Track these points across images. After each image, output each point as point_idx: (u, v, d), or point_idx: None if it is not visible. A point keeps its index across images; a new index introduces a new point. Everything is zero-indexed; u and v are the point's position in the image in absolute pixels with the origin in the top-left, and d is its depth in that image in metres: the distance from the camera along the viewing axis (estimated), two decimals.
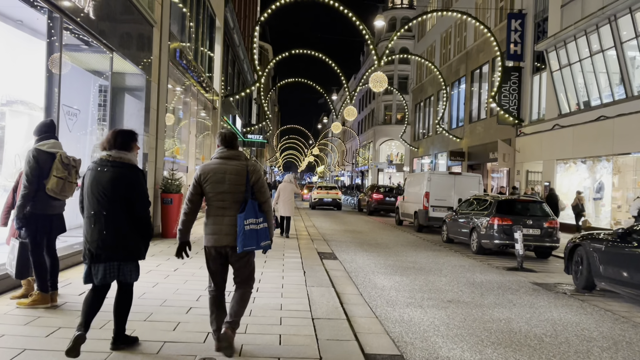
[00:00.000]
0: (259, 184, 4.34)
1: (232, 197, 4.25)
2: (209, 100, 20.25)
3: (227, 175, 4.26)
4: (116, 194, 4.10)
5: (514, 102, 25.12)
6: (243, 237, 4.15)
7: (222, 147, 4.42)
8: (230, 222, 4.23)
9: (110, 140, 4.21)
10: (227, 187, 4.25)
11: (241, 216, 4.18)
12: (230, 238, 4.22)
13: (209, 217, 4.33)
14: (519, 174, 25.16)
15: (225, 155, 4.36)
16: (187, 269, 8.18)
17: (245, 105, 39.05)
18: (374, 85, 23.78)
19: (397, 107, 60.66)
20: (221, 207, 4.27)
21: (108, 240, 4.08)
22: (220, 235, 4.26)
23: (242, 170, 4.29)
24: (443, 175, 18.74)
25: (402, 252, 12.74)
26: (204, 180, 4.28)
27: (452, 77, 35.12)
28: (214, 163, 4.35)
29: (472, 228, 13.35)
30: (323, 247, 12.59)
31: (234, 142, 4.46)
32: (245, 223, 4.16)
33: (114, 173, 4.10)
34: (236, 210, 4.23)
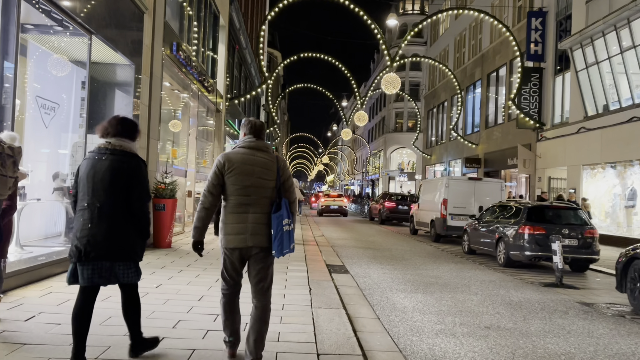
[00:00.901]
0: (289, 181, 3.96)
1: (259, 193, 3.80)
2: (212, 102, 19.10)
3: (256, 168, 3.80)
4: (114, 185, 3.69)
5: (534, 104, 23.76)
6: (281, 240, 3.77)
7: (250, 136, 3.93)
8: (256, 220, 3.78)
9: (111, 127, 3.80)
10: (255, 180, 3.78)
11: (278, 216, 3.77)
12: (259, 238, 3.78)
13: (228, 215, 3.82)
14: (540, 181, 23.73)
15: (254, 145, 3.89)
16: (171, 285, 6.94)
17: (253, 112, 37.98)
18: (387, 87, 22.56)
19: (409, 115, 59.39)
20: (244, 203, 3.79)
21: (99, 236, 3.63)
22: (246, 235, 3.77)
23: (272, 164, 3.87)
24: (462, 181, 17.40)
25: (420, 264, 11.41)
26: (229, 169, 3.77)
27: (466, 81, 33.84)
28: (240, 152, 3.85)
29: (499, 238, 11.99)
30: (332, 258, 11.30)
31: (262, 133, 3.99)
32: (283, 223, 3.77)
33: (113, 162, 3.70)
34: (262, 207, 3.79)
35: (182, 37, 14.58)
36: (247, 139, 3.95)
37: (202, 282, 7.37)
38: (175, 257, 9.75)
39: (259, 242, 3.79)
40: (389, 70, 23.62)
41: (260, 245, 3.81)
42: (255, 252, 3.84)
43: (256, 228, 3.79)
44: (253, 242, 3.79)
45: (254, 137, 3.94)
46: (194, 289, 6.84)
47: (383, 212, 27.35)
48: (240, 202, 3.80)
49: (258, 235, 3.79)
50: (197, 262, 9.09)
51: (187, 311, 5.59)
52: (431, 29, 45.63)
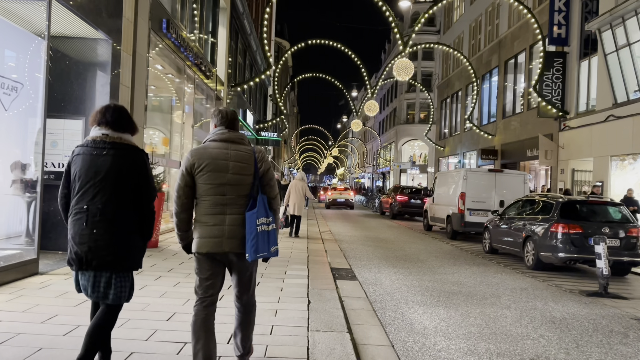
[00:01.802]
0: (268, 175, 3.51)
1: (236, 191, 3.39)
2: (212, 89, 17.84)
3: (230, 163, 3.40)
4: (120, 184, 3.31)
5: (557, 91, 22.21)
6: (255, 241, 3.33)
7: (221, 128, 3.53)
8: (234, 222, 3.37)
9: (108, 116, 3.37)
10: (231, 177, 3.38)
11: (252, 214, 3.35)
12: (235, 242, 3.37)
13: (202, 216, 3.42)
14: (563, 173, 22.23)
15: (227, 137, 3.49)
16: (141, 297, 5.70)
17: (260, 102, 36.72)
18: (399, 73, 21.17)
19: (421, 106, 57.85)
20: (220, 203, 3.38)
21: (102, 242, 3.26)
22: (221, 238, 3.36)
23: (249, 157, 3.46)
24: (482, 173, 16.01)
25: (438, 267, 10.09)
26: (199, 168, 3.38)
27: (482, 69, 32.26)
28: (211, 147, 3.46)
29: (527, 237, 10.64)
30: (338, 260, 10.02)
31: (235, 123, 3.58)
32: (257, 223, 3.34)
33: (116, 157, 3.31)
34: (240, 207, 3.39)
35: (175, 15, 13.32)
36: (218, 130, 3.51)
37: (179, 292, 6.15)
38: (158, 259, 8.54)
39: (236, 247, 3.37)
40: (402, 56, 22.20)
41: (238, 251, 3.38)
42: (233, 258, 3.44)
43: (234, 230, 3.36)
44: (230, 246, 3.37)
45: (226, 129, 3.52)
46: (167, 303, 5.61)
47: (394, 206, 26.03)
48: (216, 202, 3.39)
49: (235, 239, 3.36)
50: (182, 266, 7.89)
51: (147, 338, 4.36)
52: (444, 16, 44.01)
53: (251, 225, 3.33)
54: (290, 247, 11.36)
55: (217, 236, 3.36)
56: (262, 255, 3.38)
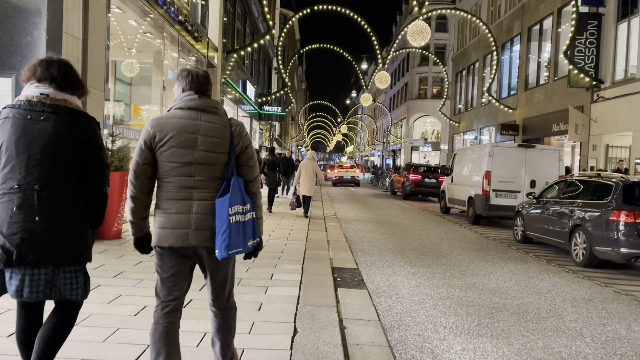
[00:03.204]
0: (247, 153, 2.85)
1: (206, 172, 2.73)
2: (202, 54, 15.79)
3: (200, 137, 2.73)
4: (62, 159, 2.62)
5: (590, 58, 19.89)
6: (227, 235, 2.67)
7: (190, 93, 2.82)
8: (203, 209, 2.72)
9: (51, 71, 2.67)
10: (200, 155, 2.72)
11: (223, 201, 2.70)
12: (204, 235, 2.72)
13: (164, 201, 2.76)
14: (595, 149, 20.05)
15: (197, 105, 2.78)
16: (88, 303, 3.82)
17: (264, 74, 34.57)
18: (414, 38, 18.98)
19: (434, 80, 55.34)
20: (187, 185, 2.72)
21: (39, 232, 2.56)
22: (187, 229, 2.70)
23: (224, 130, 2.78)
24: (510, 149, 13.91)
25: (467, 264, 8.14)
26: (161, 142, 2.71)
27: (502, 37, 29.83)
28: (178, 116, 2.76)
29: (575, 226, 8.63)
30: (343, 255, 8.08)
31: (207, 87, 2.89)
32: (230, 212, 2.68)
33: (57, 125, 2.61)
34: (211, 190, 2.74)
35: None
36: (186, 96, 2.80)
37: (137, 295, 4.72)
38: (118, 253, 6.71)
39: (207, 240, 2.72)
40: (418, 19, 19.93)
41: (208, 245, 2.73)
42: (203, 254, 2.78)
43: (203, 220, 2.72)
44: (198, 239, 2.71)
45: (197, 94, 2.81)
46: (118, 310, 4.06)
47: (407, 185, 24.03)
48: (181, 185, 2.73)
49: (205, 231, 2.72)
50: (150, 261, 6.05)
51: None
52: None
53: (222, 215, 2.70)
54: (286, 237, 9.46)
55: (182, 227, 2.73)
56: (236, 251, 2.74)
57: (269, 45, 34.34)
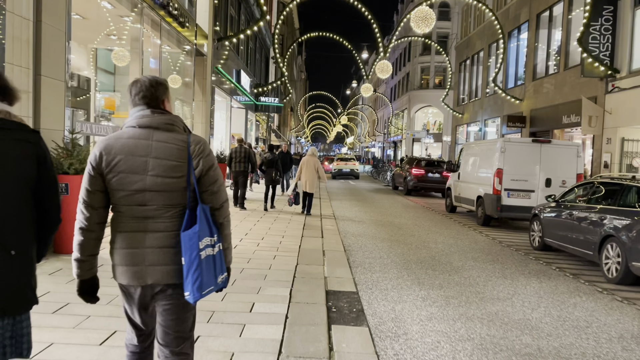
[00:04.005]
0: (209, 177, 2.47)
1: (162, 199, 2.40)
2: (190, 41, 14.62)
3: (150, 160, 2.39)
4: (12, 181, 2.23)
5: (605, 46, 18.68)
6: (200, 272, 2.32)
7: (141, 108, 2.47)
8: (157, 242, 2.39)
9: None
10: (152, 180, 2.38)
11: (191, 235, 2.32)
12: (163, 271, 2.40)
13: (117, 234, 2.45)
14: (609, 143, 18.90)
15: (149, 122, 2.44)
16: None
17: (261, 64, 33.32)
18: (417, 24, 17.80)
19: (436, 70, 54.04)
20: (139, 215, 2.41)
21: None
22: (141, 266, 2.40)
23: (180, 150, 2.42)
24: (523, 145, 12.77)
25: (483, 282, 7.04)
26: (108, 166, 2.39)
27: (509, 25, 28.57)
28: (126, 136, 2.43)
29: (606, 237, 7.53)
30: (339, 272, 6.98)
31: (161, 98, 2.50)
32: (200, 246, 2.33)
33: (5, 143, 2.24)
34: (167, 220, 2.41)
35: None
36: (137, 112, 2.46)
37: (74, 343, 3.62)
38: (71, 274, 5.60)
39: (164, 277, 2.40)
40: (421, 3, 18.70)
41: (165, 282, 2.40)
42: (159, 292, 2.42)
43: (158, 255, 2.39)
44: (154, 277, 2.40)
45: (149, 108, 2.45)
46: None
47: (409, 180, 22.92)
48: (133, 215, 2.41)
49: (161, 267, 2.39)
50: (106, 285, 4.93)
51: None
52: None
53: (191, 251, 2.29)
54: (277, 246, 8.37)
55: (135, 263, 2.39)
56: (209, 291, 2.36)
57: (266, 34, 33.09)
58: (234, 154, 13.91)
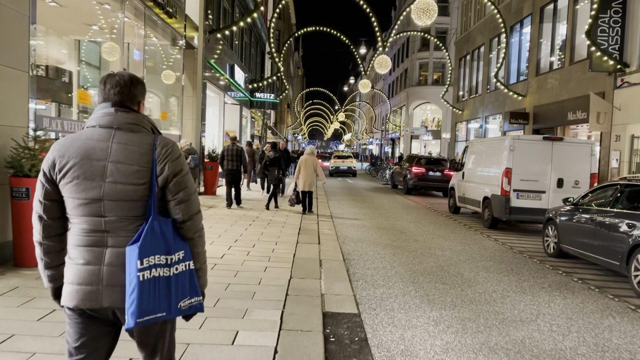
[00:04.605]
0: (177, 184, 2.17)
1: (121, 209, 2.11)
2: (179, 33, 13.77)
3: (109, 164, 2.11)
4: None
5: (614, 39, 17.91)
6: (137, 296, 2.01)
7: (105, 105, 2.21)
8: (118, 260, 2.10)
9: None
10: (110, 188, 2.09)
11: (133, 250, 2.04)
12: (121, 292, 2.09)
13: (72, 249, 2.16)
14: (619, 141, 18.15)
15: (110, 122, 2.16)
16: None
17: (256, 59, 32.44)
18: (419, 16, 16.98)
19: (434, 66, 53.25)
20: (98, 228, 2.11)
21: None
22: (98, 286, 2.10)
23: (144, 154, 2.14)
24: (534, 143, 11.97)
25: (500, 298, 6.25)
26: (61, 171, 2.12)
27: (510, 19, 27.78)
28: (83, 137, 2.16)
29: (636, 246, 6.75)
30: (338, 286, 6.18)
31: (131, 96, 2.22)
32: (139, 265, 2.02)
33: None
34: (129, 234, 2.11)
35: None
36: (100, 109, 2.19)
37: None
38: (27, 294, 4.87)
39: (123, 299, 2.08)
40: None
41: (123, 306, 2.08)
42: (121, 317, 2.13)
43: (118, 274, 2.09)
44: (112, 299, 2.09)
45: (113, 106, 2.19)
46: None
47: (409, 179, 22.13)
48: (90, 228, 2.11)
49: (118, 287, 2.08)
50: None
51: None
52: None
53: (130, 269, 2.02)
54: (269, 254, 7.58)
55: (90, 282, 2.08)
56: (152, 318, 2.02)
57: (262, 28, 32.23)
58: (226, 152, 13.44)
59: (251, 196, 16.12)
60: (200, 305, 2.18)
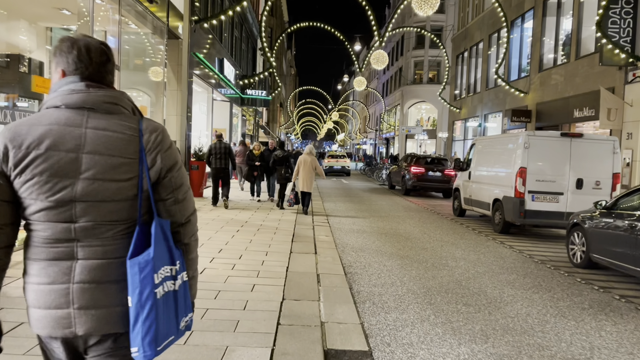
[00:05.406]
0: (173, 178, 1.80)
1: (99, 213, 1.69)
2: (162, 21, 12.61)
3: (84, 156, 1.67)
4: None
5: (626, 31, 16.94)
6: (154, 318, 1.65)
7: (73, 79, 1.72)
8: (93, 276, 1.67)
9: None
10: (86, 186, 1.67)
11: (142, 263, 1.65)
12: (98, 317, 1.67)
13: (32, 264, 1.71)
14: (630, 139, 17.18)
15: (81, 100, 1.69)
16: None
17: (247, 57, 31.29)
18: (420, 5, 15.93)
19: (430, 64, 52.27)
20: (65, 237, 1.68)
21: None
22: (68, 309, 1.67)
23: (128, 140, 1.71)
24: (550, 140, 10.91)
25: (538, 324, 5.18)
26: (19, 165, 1.65)
27: (511, 14, 26.82)
28: (46, 121, 1.68)
29: None
30: (341, 311, 5.08)
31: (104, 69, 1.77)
32: (156, 280, 1.67)
33: None
34: (108, 243, 1.70)
35: None
36: (65, 85, 1.71)
37: None
38: None
39: (102, 325, 1.68)
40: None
41: (104, 332, 1.69)
42: (95, 345, 1.71)
43: (94, 293, 1.67)
44: (87, 325, 1.67)
45: (83, 80, 1.71)
46: None
47: (408, 179, 21.06)
48: (55, 237, 1.68)
49: (99, 311, 1.67)
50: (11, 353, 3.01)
51: None
52: None
53: (142, 287, 1.61)
54: (258, 267, 6.48)
55: (58, 305, 1.65)
56: (167, 344, 1.71)
57: (253, 24, 31.10)
58: (213, 150, 12.61)
59: (242, 198, 15.00)
60: (191, 323, 1.85)
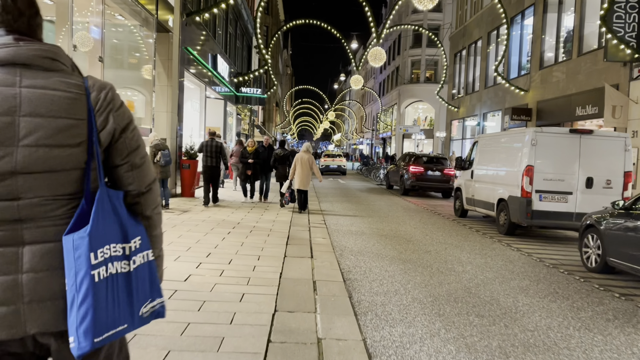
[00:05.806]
0: (128, 139, 1.54)
1: (46, 187, 1.41)
2: (150, 13, 12.03)
3: (21, 119, 1.37)
4: None
5: (631, 26, 16.46)
6: (95, 302, 1.37)
7: None
8: (44, 262, 1.40)
9: None
10: (27, 155, 1.37)
11: (78, 240, 1.38)
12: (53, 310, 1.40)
13: None
14: (636, 137, 16.70)
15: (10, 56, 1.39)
16: None
17: (242, 54, 30.71)
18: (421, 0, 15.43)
19: (427, 63, 51.78)
20: (7, 218, 1.39)
21: None
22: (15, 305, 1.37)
23: (73, 99, 1.42)
24: (558, 136, 10.37)
25: (561, 338, 4.65)
26: None
27: (511, 10, 26.33)
28: None
29: None
30: (341, 325, 4.52)
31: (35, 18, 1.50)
32: (93, 260, 1.39)
33: None
34: (61, 222, 1.43)
35: None
36: None
37: None
38: None
39: (58, 320, 1.42)
40: None
41: (60, 328, 1.42)
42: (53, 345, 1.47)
43: (46, 282, 1.41)
44: (40, 321, 1.40)
45: (10, 33, 1.46)
46: None
47: (407, 179, 20.52)
48: None
49: (53, 302, 1.41)
50: None
51: None
52: None
53: (76, 269, 1.37)
54: (248, 274, 5.91)
55: (4, 301, 1.37)
56: (114, 333, 1.41)
57: (248, 20, 30.51)
58: (204, 148, 12.09)
59: (235, 198, 14.43)
60: (162, 309, 1.56)
